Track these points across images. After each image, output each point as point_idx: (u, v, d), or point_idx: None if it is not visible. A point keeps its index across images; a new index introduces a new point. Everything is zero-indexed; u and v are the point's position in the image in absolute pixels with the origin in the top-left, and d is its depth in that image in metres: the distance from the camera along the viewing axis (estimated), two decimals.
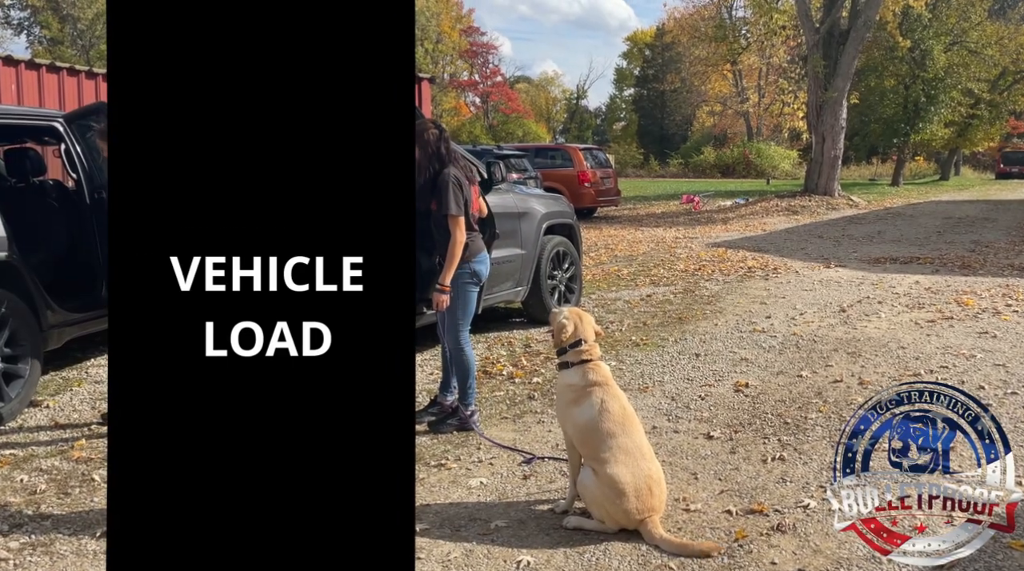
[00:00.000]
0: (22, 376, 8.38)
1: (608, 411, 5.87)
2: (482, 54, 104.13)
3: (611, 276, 17.42)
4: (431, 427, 8.01)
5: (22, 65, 18.03)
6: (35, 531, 5.91)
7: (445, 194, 7.60)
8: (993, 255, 19.64)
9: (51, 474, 6.98)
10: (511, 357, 10.58)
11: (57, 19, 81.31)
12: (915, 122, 53.20)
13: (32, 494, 6.57)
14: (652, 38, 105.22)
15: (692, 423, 7.97)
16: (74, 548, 5.65)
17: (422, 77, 23.01)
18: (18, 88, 17.72)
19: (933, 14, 49.02)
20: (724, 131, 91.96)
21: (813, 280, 16.21)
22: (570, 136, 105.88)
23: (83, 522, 6.05)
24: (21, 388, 8.36)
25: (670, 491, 6.25)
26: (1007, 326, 11.62)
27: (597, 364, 6.22)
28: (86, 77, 19.37)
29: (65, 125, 9.84)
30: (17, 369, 8.34)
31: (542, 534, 5.76)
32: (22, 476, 6.92)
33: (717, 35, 51.53)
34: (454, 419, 8.04)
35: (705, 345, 11.02)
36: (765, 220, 30.89)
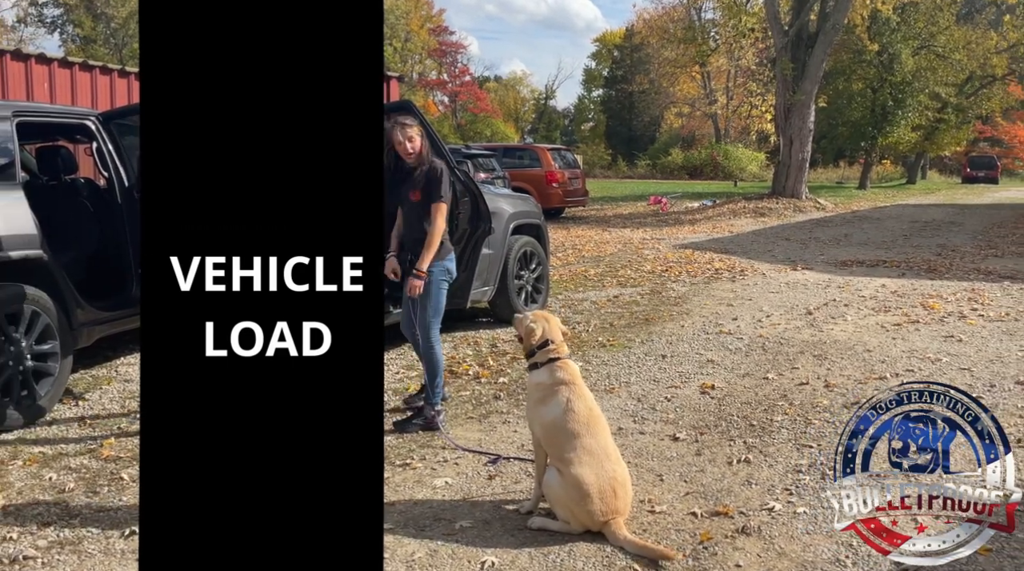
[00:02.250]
0: (52, 374, 8.35)
1: (574, 411, 5.89)
2: (451, 53, 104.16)
3: (578, 277, 17.43)
4: (396, 427, 7.99)
5: (55, 63, 18.02)
6: (63, 529, 5.90)
7: (439, 183, 7.79)
8: (959, 259, 19.73)
9: (80, 472, 6.97)
10: (477, 357, 10.57)
11: (90, 17, 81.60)
12: (882, 125, 53.51)
13: (61, 492, 6.55)
14: (621, 39, 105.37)
15: (658, 424, 7.98)
16: (102, 547, 5.64)
17: (391, 76, 22.99)
18: (51, 86, 17.71)
19: (901, 18, 49.34)
20: (692, 133, 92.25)
21: (780, 282, 16.25)
22: (538, 136, 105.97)
23: (111, 520, 6.03)
24: (51, 386, 8.34)
25: (636, 492, 6.25)
26: (972, 330, 11.67)
27: (565, 362, 6.28)
28: (119, 76, 19.36)
29: (97, 123, 9.84)
30: (47, 367, 8.32)
31: (507, 535, 5.75)
32: (51, 474, 6.90)
33: (686, 37, 51.70)
34: (419, 419, 8.03)
35: (671, 346, 11.02)
36: (732, 222, 30.97)
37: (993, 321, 12.25)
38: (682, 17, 77.24)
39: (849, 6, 35.89)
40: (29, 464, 7.14)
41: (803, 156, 36.51)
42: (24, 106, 9.67)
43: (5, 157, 8.47)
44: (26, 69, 17.22)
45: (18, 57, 17.26)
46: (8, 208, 8.15)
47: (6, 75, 16.80)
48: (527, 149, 34.11)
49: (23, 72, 17.17)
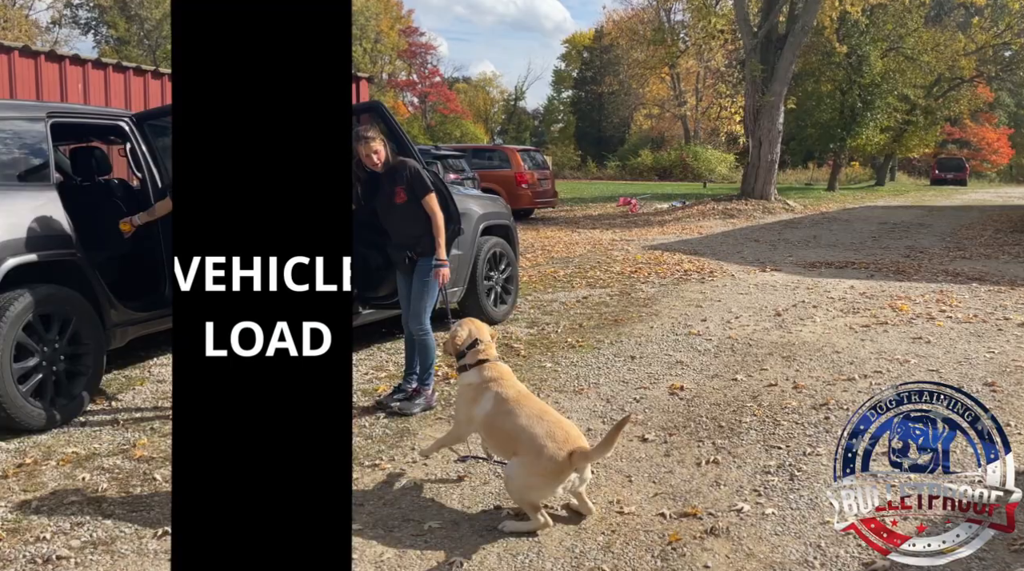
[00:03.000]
0: (85, 374, 8.36)
1: (504, 399, 6.10)
2: (420, 54, 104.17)
3: (547, 277, 17.42)
4: (401, 409, 8.36)
5: (89, 64, 18.00)
6: (96, 529, 5.89)
7: (420, 178, 8.19)
8: (928, 261, 19.79)
9: (113, 473, 6.96)
10: (447, 358, 10.47)
11: (124, 19, 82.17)
12: (851, 127, 53.73)
13: (94, 492, 6.54)
14: (590, 40, 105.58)
15: (627, 426, 7.96)
16: (135, 547, 5.64)
17: (361, 76, 22.96)
18: (85, 87, 17.69)
19: (870, 20, 49.53)
20: (661, 134, 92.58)
21: (749, 284, 16.28)
22: (508, 137, 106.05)
23: (144, 521, 6.04)
24: (84, 387, 8.36)
25: (604, 493, 6.28)
26: (941, 332, 11.70)
27: (494, 364, 6.48)
28: (152, 77, 19.38)
29: (131, 124, 9.83)
30: (80, 368, 8.34)
31: (476, 535, 5.75)
32: (84, 474, 6.89)
33: (655, 38, 51.67)
34: (420, 399, 8.45)
35: (640, 348, 11.02)
36: (701, 223, 31.01)
37: (961, 323, 12.29)
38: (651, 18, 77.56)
39: (818, 8, 35.98)
40: (62, 464, 7.13)
41: (772, 158, 36.61)
42: (58, 107, 9.66)
43: (39, 158, 8.54)
44: (60, 70, 17.24)
45: (53, 58, 17.29)
46: (42, 209, 8.17)
47: (41, 76, 16.83)
48: (496, 150, 34.09)
49: (57, 73, 17.19)
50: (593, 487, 6.49)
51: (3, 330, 7.48)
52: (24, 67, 16.47)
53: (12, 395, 7.55)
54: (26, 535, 5.81)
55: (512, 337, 11.65)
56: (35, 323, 7.82)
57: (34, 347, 7.84)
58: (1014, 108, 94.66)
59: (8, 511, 6.21)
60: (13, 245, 7.71)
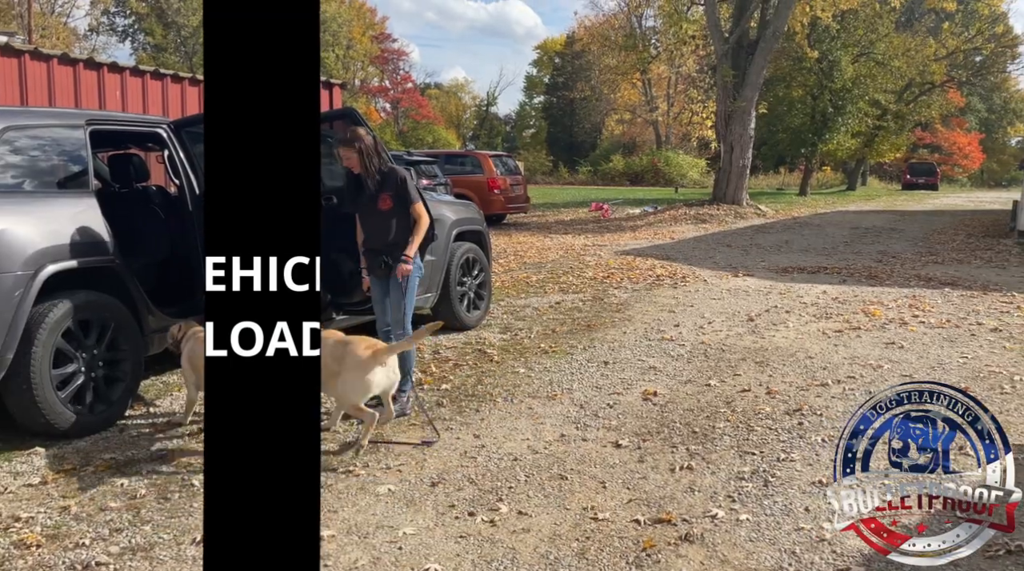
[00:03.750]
0: (123, 380, 8.43)
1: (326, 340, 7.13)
2: (393, 60, 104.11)
3: (520, 283, 17.41)
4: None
5: (127, 72, 18.01)
6: (135, 536, 5.90)
7: (406, 189, 8.25)
8: (900, 266, 19.84)
9: (151, 479, 6.96)
10: (420, 363, 10.52)
11: (161, 26, 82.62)
12: (822, 132, 53.88)
13: (132, 499, 6.55)
14: (562, 46, 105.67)
15: (601, 431, 7.97)
16: (174, 554, 5.64)
17: (333, 83, 22.91)
18: (123, 95, 17.71)
19: (841, 26, 49.69)
20: (633, 139, 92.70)
21: (721, 289, 16.29)
22: (480, 143, 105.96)
23: (183, 527, 6.03)
24: (122, 392, 8.43)
25: (578, 499, 6.28)
26: (914, 337, 11.73)
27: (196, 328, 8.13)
28: (189, 84, 19.38)
29: (169, 131, 9.86)
30: (119, 373, 8.40)
31: (450, 541, 5.74)
32: (122, 480, 6.89)
33: (627, 44, 51.95)
34: (395, 405, 8.29)
35: (614, 353, 11.02)
36: (673, 228, 31.02)
37: (934, 328, 12.33)
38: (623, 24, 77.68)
39: (789, 14, 36.07)
40: (101, 470, 7.14)
41: (744, 162, 36.70)
42: (97, 115, 9.74)
43: (78, 165, 8.59)
44: (99, 78, 17.26)
45: (91, 66, 17.30)
46: (81, 216, 8.22)
47: (79, 84, 16.83)
48: (469, 156, 34.11)
49: (96, 81, 17.20)
50: (566, 493, 6.51)
51: (42, 336, 7.54)
52: (63, 75, 16.53)
53: (51, 401, 7.62)
54: (65, 541, 5.82)
55: (485, 343, 11.64)
56: (74, 329, 7.90)
57: (73, 353, 7.91)
58: (985, 113, 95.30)
59: (47, 517, 6.23)
60: (53, 252, 7.76)
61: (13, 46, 15.92)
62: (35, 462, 7.34)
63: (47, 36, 64.00)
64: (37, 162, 8.24)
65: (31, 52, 16.00)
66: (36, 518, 6.19)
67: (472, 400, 9.03)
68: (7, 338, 7.31)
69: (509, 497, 6.47)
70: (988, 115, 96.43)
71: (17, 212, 7.72)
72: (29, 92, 15.70)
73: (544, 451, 7.46)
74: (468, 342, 11.71)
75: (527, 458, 7.28)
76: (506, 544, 5.67)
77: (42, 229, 7.74)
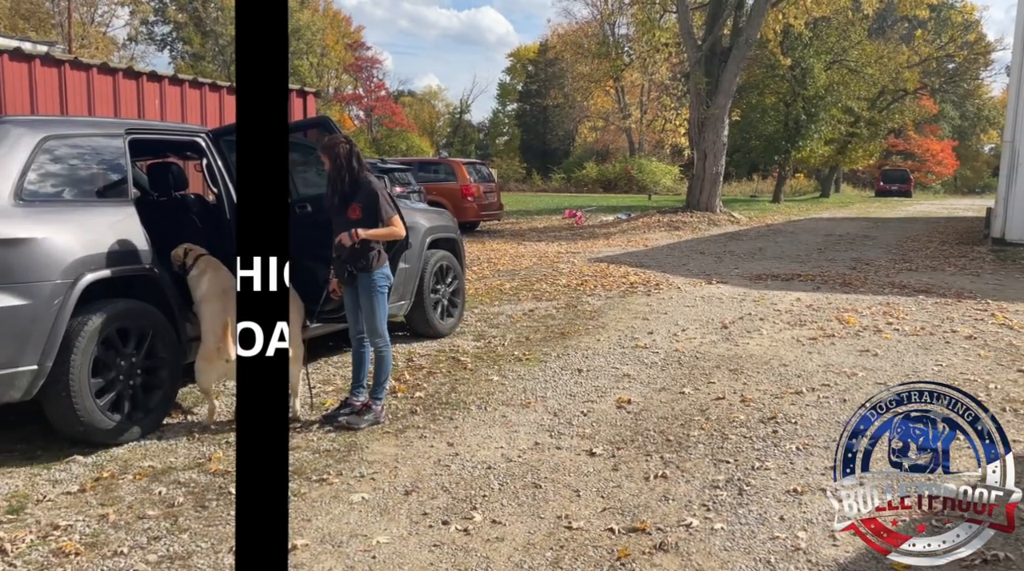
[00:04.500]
0: (161, 388, 8.47)
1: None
2: (367, 68, 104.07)
3: (494, 290, 17.39)
4: (349, 424, 8.40)
5: (165, 80, 18.18)
6: (173, 544, 5.91)
7: (377, 202, 8.31)
8: (874, 273, 19.86)
9: (188, 487, 6.96)
10: (394, 371, 10.48)
11: (199, 35, 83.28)
12: (795, 139, 53.99)
13: (170, 507, 6.55)
14: (535, 54, 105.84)
15: (575, 439, 7.96)
16: (211, 562, 5.63)
17: (308, 91, 22.91)
18: (161, 103, 17.87)
19: (814, 33, 49.88)
20: (606, 146, 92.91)
21: (695, 296, 16.29)
22: (453, 150, 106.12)
23: (220, 536, 6.02)
24: (160, 401, 8.46)
25: (552, 508, 6.25)
26: (888, 344, 11.75)
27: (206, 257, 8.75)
28: (227, 92, 19.53)
29: (207, 140, 9.88)
30: (156, 381, 8.44)
31: (424, 550, 5.73)
32: (160, 488, 6.91)
33: (600, 51, 51.84)
34: (369, 414, 8.50)
35: (588, 361, 11.01)
36: (647, 236, 31.04)
37: (908, 335, 12.35)
38: (596, 32, 77.73)
39: (762, 21, 36.17)
40: (139, 478, 7.14)
41: (717, 170, 36.74)
42: (136, 124, 9.84)
43: (117, 174, 8.63)
44: (138, 86, 17.42)
45: (130, 75, 17.44)
46: (120, 225, 8.27)
47: (119, 93, 16.98)
48: (442, 163, 34.13)
49: (135, 89, 17.36)
50: (540, 501, 6.50)
51: (81, 344, 7.57)
52: (102, 84, 16.66)
53: (90, 409, 7.65)
54: (104, 549, 5.82)
55: (459, 350, 11.62)
56: (113, 337, 7.94)
57: (111, 361, 7.94)
58: (958, 120, 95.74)
59: (86, 525, 6.23)
60: (92, 261, 7.80)
61: (53, 56, 16.05)
62: (73, 470, 7.36)
63: (86, 46, 64.81)
64: (76, 171, 8.28)
65: (71, 61, 16.15)
66: (75, 526, 6.20)
67: (446, 408, 9.02)
68: (46, 346, 7.35)
69: (483, 506, 6.46)
70: (961, 122, 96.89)
71: (56, 221, 7.75)
72: (69, 101, 15.88)
73: (518, 459, 7.44)
74: (442, 350, 11.69)
75: (501, 466, 7.27)
76: (480, 553, 5.65)
77: (81, 238, 7.80)
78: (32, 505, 6.59)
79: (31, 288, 7.29)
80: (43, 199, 7.78)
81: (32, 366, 7.29)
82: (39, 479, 7.13)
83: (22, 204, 7.51)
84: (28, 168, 7.68)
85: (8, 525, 6.22)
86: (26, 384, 7.31)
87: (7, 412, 8.31)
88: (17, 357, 7.22)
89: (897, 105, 62.71)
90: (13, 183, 7.52)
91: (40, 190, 7.78)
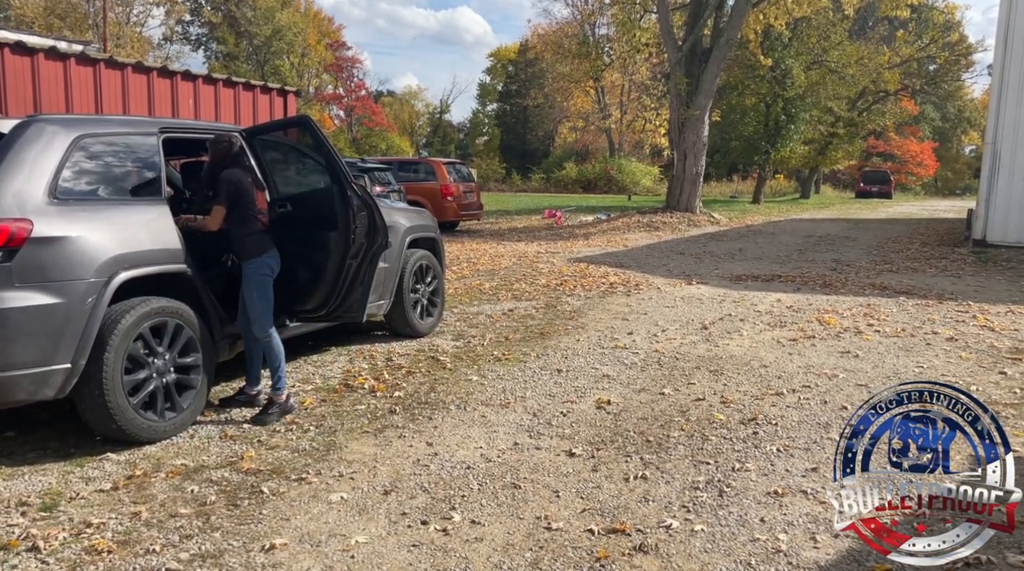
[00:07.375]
0: (194, 387, 8.50)
1: None
2: (347, 68, 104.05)
3: (473, 290, 17.37)
4: (254, 422, 8.52)
5: (199, 79, 18.37)
6: (205, 542, 5.90)
7: (220, 186, 8.52)
8: (854, 274, 19.88)
9: (221, 485, 6.95)
10: (373, 370, 10.47)
11: (234, 35, 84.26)
12: (775, 140, 54.17)
13: (202, 505, 6.53)
14: (515, 54, 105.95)
15: (554, 440, 7.94)
16: (243, 561, 5.61)
17: (288, 90, 22.93)
18: (195, 102, 18.06)
19: (794, 34, 50.06)
20: (586, 147, 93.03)
21: (675, 297, 16.28)
22: (433, 150, 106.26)
23: (252, 534, 6.00)
24: (192, 399, 8.48)
25: (532, 509, 6.22)
26: (869, 346, 11.74)
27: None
28: (261, 92, 19.74)
29: (241, 139, 9.80)
30: (190, 380, 8.48)
31: (403, 550, 5.70)
32: (192, 487, 6.90)
33: (580, 52, 51.93)
34: (274, 408, 8.60)
35: (567, 361, 10.99)
36: (627, 236, 31.05)
37: (889, 337, 12.34)
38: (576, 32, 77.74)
39: (743, 22, 36.25)
40: (171, 476, 7.13)
41: (697, 170, 36.76)
42: (170, 123, 9.75)
43: (152, 172, 8.66)
44: (172, 86, 17.65)
45: (164, 74, 17.66)
46: (154, 222, 8.38)
47: (153, 91, 17.21)
48: (422, 163, 34.09)
49: (169, 89, 17.59)
50: (520, 502, 6.49)
51: (115, 342, 7.60)
52: (137, 83, 16.86)
53: (123, 406, 7.67)
54: (136, 547, 5.81)
55: (438, 350, 11.59)
56: (146, 335, 7.95)
57: (145, 359, 7.96)
58: (939, 121, 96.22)
59: (118, 523, 6.22)
60: (125, 259, 7.84)
61: (89, 55, 16.13)
62: (106, 468, 7.36)
63: (122, 45, 65.76)
64: (111, 169, 8.30)
65: (106, 61, 16.28)
66: (107, 524, 6.19)
67: (425, 407, 8.99)
68: (80, 344, 7.38)
69: (462, 506, 6.43)
70: (942, 124, 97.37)
71: (91, 219, 7.76)
72: (104, 100, 16.06)
73: (497, 459, 7.42)
74: (421, 349, 11.66)
75: (480, 466, 7.25)
76: (459, 553, 5.63)
77: (115, 236, 7.83)
78: (65, 503, 6.59)
79: (65, 286, 7.31)
80: (77, 197, 7.79)
81: (66, 364, 7.31)
82: (72, 477, 7.13)
83: (56, 202, 7.52)
84: (62, 167, 7.71)
85: (41, 522, 6.22)
86: (60, 382, 7.32)
87: (41, 410, 8.42)
88: (51, 355, 7.24)
89: (878, 106, 63.02)
90: (48, 182, 7.54)
91: (74, 188, 7.80)
